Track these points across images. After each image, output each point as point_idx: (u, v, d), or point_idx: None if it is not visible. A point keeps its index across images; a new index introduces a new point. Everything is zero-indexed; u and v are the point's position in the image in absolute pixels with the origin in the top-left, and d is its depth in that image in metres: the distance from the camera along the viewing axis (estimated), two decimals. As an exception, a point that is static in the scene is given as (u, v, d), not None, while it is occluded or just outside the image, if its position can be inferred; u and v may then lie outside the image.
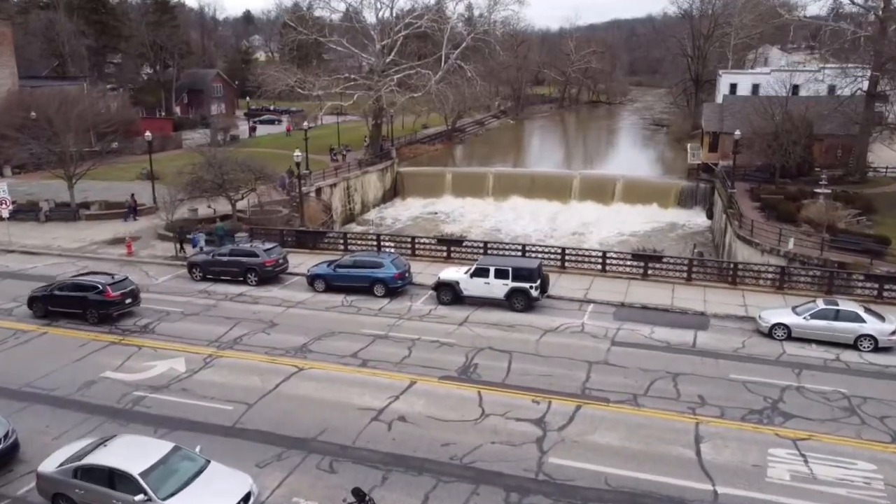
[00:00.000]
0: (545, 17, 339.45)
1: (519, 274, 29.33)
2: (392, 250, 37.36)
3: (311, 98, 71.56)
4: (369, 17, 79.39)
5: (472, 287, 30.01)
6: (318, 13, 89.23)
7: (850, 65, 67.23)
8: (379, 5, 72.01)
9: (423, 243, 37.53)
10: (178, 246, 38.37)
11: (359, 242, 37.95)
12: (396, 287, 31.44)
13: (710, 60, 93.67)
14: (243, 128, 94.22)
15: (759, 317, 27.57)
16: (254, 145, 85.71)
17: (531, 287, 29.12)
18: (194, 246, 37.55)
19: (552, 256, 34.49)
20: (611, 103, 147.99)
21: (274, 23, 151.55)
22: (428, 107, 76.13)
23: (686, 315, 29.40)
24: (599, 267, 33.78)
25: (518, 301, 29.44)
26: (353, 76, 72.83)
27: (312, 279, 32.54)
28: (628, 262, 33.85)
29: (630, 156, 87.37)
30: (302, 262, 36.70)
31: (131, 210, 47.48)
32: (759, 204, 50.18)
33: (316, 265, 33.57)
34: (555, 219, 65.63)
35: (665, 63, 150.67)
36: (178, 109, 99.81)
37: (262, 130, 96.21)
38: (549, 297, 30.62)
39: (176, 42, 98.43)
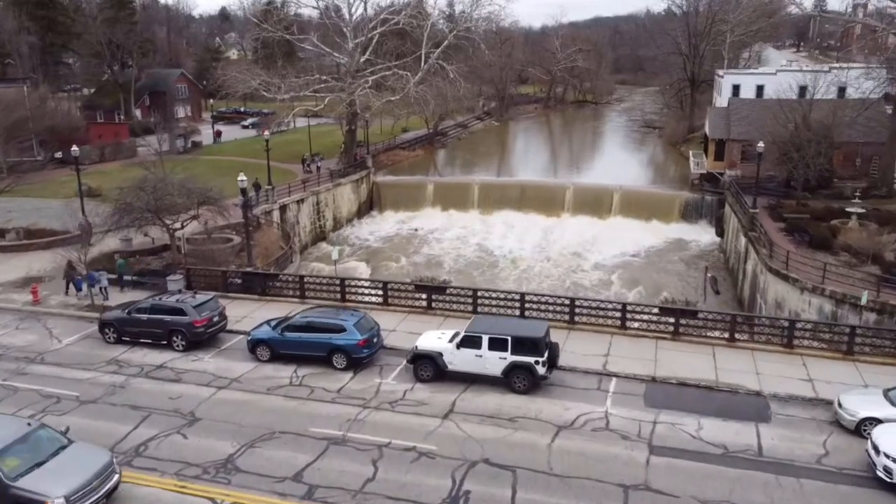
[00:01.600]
0: (527, 14, 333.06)
1: (521, 345, 22.05)
2: (358, 306, 29.73)
3: (278, 101, 63.70)
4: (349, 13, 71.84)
5: (460, 360, 22.70)
6: (291, 9, 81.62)
7: (872, 65, 60.82)
8: (352, 0, 64.37)
9: (398, 290, 30.01)
10: (67, 287, 31.01)
11: (318, 289, 30.34)
12: (362, 357, 24.02)
13: (706, 59, 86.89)
14: (209, 132, 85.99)
15: (839, 404, 20.51)
16: (217, 152, 77.79)
17: (537, 362, 21.88)
18: (78, 289, 30.18)
19: (559, 308, 27.18)
20: (597, 103, 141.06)
21: (250, 20, 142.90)
22: (407, 110, 68.50)
23: (738, 396, 22.30)
24: (618, 322, 26.55)
25: (520, 380, 22.18)
26: (324, 77, 65.07)
27: (255, 345, 25.03)
28: (654, 315, 26.61)
29: (623, 162, 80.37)
30: (246, 314, 29.16)
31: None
32: (783, 225, 43.33)
33: (260, 325, 26.02)
34: (547, 236, 58.39)
35: (654, 62, 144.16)
36: (138, 113, 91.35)
37: (229, 135, 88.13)
38: (558, 367, 23.40)
39: (135, 40, 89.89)
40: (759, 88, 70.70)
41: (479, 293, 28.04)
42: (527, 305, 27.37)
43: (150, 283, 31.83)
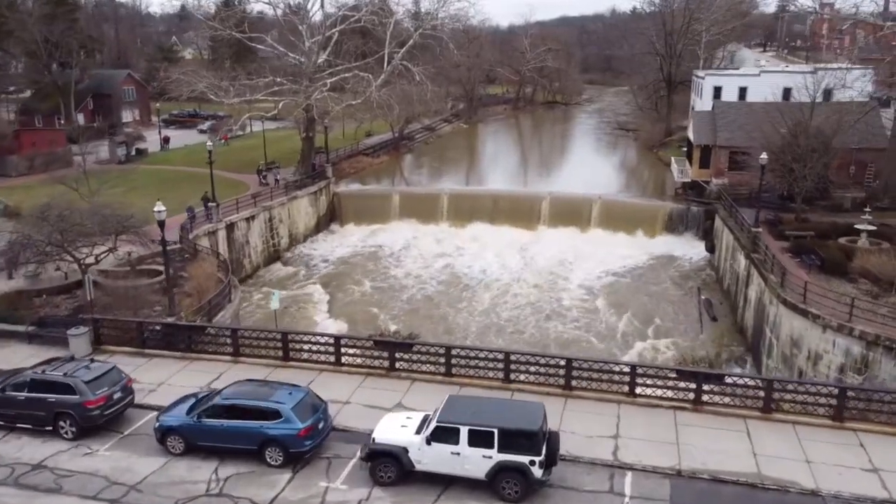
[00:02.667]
0: (494, 13, 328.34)
1: (511, 439, 16.52)
2: (304, 366, 23.78)
3: (226, 105, 57.26)
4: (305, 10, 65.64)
5: (431, 458, 17.09)
6: (250, 6, 75.28)
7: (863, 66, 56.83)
8: (308, -6, 58.22)
9: (354, 346, 24.16)
10: None
11: (255, 345, 24.39)
12: (303, 451, 18.27)
13: (683, 59, 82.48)
14: (157, 138, 78.92)
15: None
16: (163, 161, 70.98)
17: (532, 462, 16.40)
18: None
19: (552, 371, 21.68)
20: (567, 104, 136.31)
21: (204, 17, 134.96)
22: (370, 114, 62.51)
23: (790, 496, 17.10)
24: (626, 388, 21.18)
25: (510, 486, 16.68)
26: (278, 79, 58.79)
27: (164, 433, 19.09)
28: (670, 377, 21.26)
29: (598, 167, 75.50)
30: (164, 379, 23.17)
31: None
32: (786, 244, 38.60)
33: (174, 405, 19.99)
34: (524, 251, 53.07)
35: (624, 61, 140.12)
36: (81, 117, 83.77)
37: (180, 140, 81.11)
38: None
39: (75, 38, 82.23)
40: (742, 90, 66.34)
41: (452, 352, 22.39)
42: (513, 367, 21.85)
43: (51, 335, 25.60)
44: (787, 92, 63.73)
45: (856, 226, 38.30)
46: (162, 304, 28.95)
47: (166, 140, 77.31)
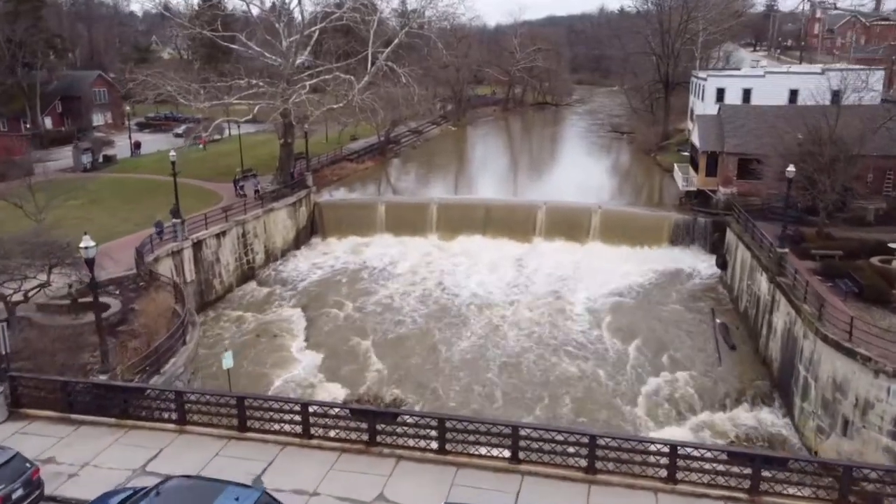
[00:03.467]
0: (481, 13, 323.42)
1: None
2: (266, 438, 19.10)
3: (194, 108, 52.43)
4: (282, 7, 60.88)
5: None
6: (229, 4, 70.41)
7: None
8: (286, -10, 53.62)
9: (326, 416, 19.51)
10: None
11: (206, 411, 19.73)
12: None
13: (680, 59, 78.47)
14: (126, 143, 73.86)
15: None
16: (133, 168, 66.02)
17: None
18: None
19: (571, 449, 17.27)
20: (558, 105, 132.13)
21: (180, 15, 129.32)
22: (354, 118, 57.83)
23: None
24: (664, 472, 16.81)
25: None
26: (254, 81, 54.08)
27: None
28: (719, 459, 16.89)
29: (593, 173, 71.28)
30: (90, 458, 18.51)
31: None
32: (813, 264, 34.50)
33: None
34: (520, 267, 48.78)
35: (614, 61, 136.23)
36: (48, 121, 78.57)
37: (154, 145, 76.01)
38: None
39: (41, 37, 76.96)
40: (747, 92, 62.47)
41: (447, 423, 17.90)
42: (521, 443, 17.41)
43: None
44: (793, 94, 59.98)
45: (890, 244, 34.32)
46: (105, 348, 24.25)
47: (137, 145, 72.30)
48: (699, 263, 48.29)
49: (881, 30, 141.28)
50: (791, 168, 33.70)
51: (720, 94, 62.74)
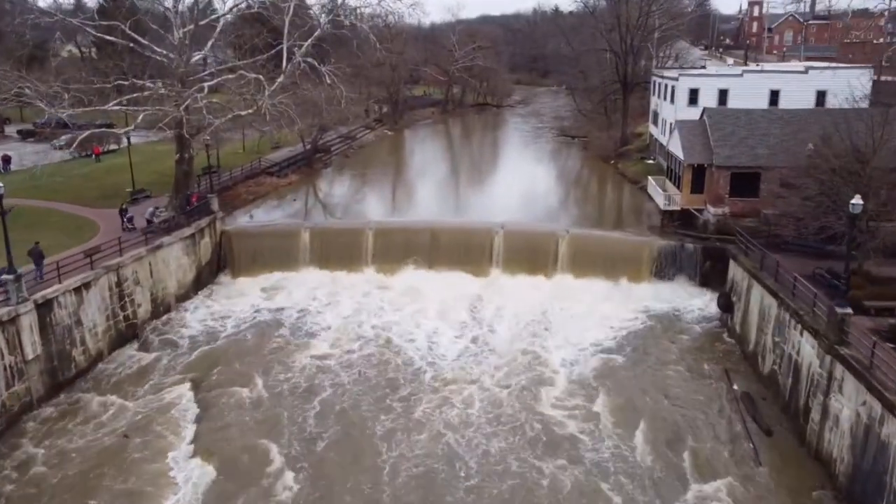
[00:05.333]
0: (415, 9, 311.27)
1: None
2: None
3: (54, 114, 39.86)
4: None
5: None
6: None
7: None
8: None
9: None
10: None
11: None
12: None
13: (640, 57, 69.87)
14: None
15: None
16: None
17: None
18: None
19: None
20: (499, 106, 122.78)
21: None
22: (268, 127, 46.10)
23: None
24: None
25: None
26: (140, 82, 41.98)
27: None
28: None
29: (550, 185, 61.84)
30: None
31: None
32: (872, 322, 25.57)
33: None
34: (477, 311, 38.58)
35: (551, 60, 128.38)
36: None
37: (28, 160, 61.99)
38: None
39: None
40: (723, 93, 54.06)
41: None
42: None
43: None
44: (774, 95, 51.82)
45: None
46: None
47: (6, 160, 58.41)
48: (691, 301, 39.24)
49: (817, 29, 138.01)
50: (857, 200, 24.32)
51: (693, 95, 54.18)
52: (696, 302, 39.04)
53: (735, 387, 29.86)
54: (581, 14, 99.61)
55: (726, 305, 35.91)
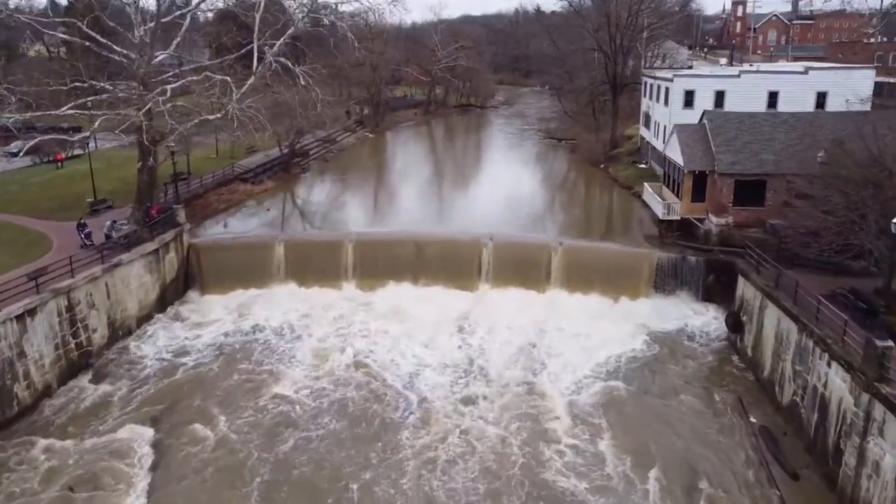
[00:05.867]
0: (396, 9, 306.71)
1: None
2: None
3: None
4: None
5: None
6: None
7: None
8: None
9: None
10: None
11: None
12: None
13: (629, 57, 67.08)
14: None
15: None
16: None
17: None
18: None
19: None
20: (483, 107, 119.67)
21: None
22: (239, 132, 42.42)
23: None
24: None
25: None
26: (101, 84, 38.25)
27: None
28: None
29: (539, 192, 58.72)
30: None
31: None
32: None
33: None
34: (466, 332, 35.41)
35: (537, 61, 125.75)
36: None
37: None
38: None
39: None
40: (720, 95, 51.32)
41: None
42: None
43: None
44: (772, 97, 49.23)
45: None
46: None
47: (-42, 168, 54.21)
48: (695, 318, 36.42)
49: (801, 29, 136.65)
50: (900, 220, 21.49)
51: (689, 97, 51.40)
52: (701, 320, 36.25)
53: (752, 420, 27.00)
54: (566, 14, 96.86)
55: (735, 325, 33.07)
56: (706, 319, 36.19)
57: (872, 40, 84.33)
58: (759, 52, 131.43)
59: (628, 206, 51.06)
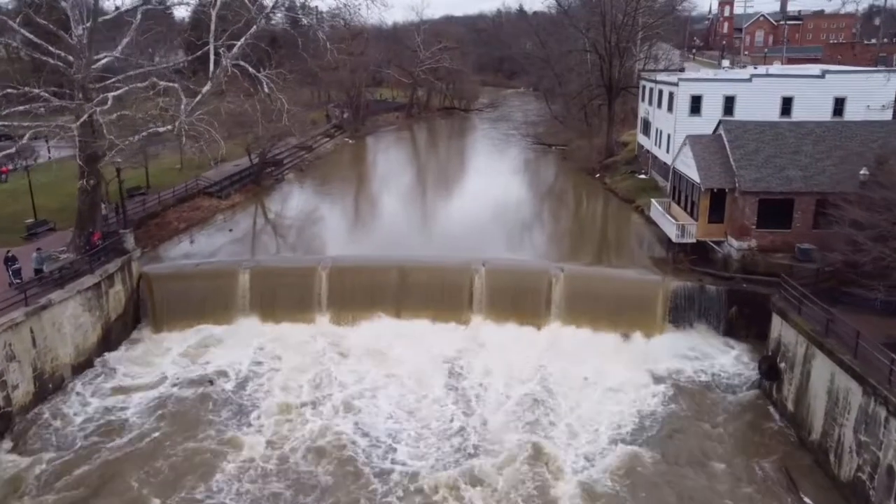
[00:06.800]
0: (376, 10, 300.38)
1: None
2: None
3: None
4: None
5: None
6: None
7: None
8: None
9: None
10: None
11: None
12: None
13: (625, 59, 62.27)
14: None
15: None
16: None
17: None
18: None
19: None
20: (467, 110, 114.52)
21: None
22: (190, 145, 36.65)
23: None
24: None
25: None
26: (35, 91, 32.52)
27: None
28: None
29: (533, 207, 53.71)
30: None
31: None
32: None
33: None
34: (458, 378, 30.23)
35: (519, 62, 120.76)
36: None
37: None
38: None
39: None
40: (729, 101, 46.52)
41: None
42: None
43: None
44: (786, 103, 44.59)
45: None
46: None
47: None
48: (718, 359, 31.64)
49: (789, 29, 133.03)
50: None
51: (696, 103, 46.57)
52: (725, 361, 31.43)
53: (806, 501, 22.09)
54: (552, 14, 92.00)
55: (770, 372, 28.16)
56: (731, 360, 31.38)
57: (874, 41, 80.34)
58: (746, 52, 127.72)
59: (631, 222, 46.21)
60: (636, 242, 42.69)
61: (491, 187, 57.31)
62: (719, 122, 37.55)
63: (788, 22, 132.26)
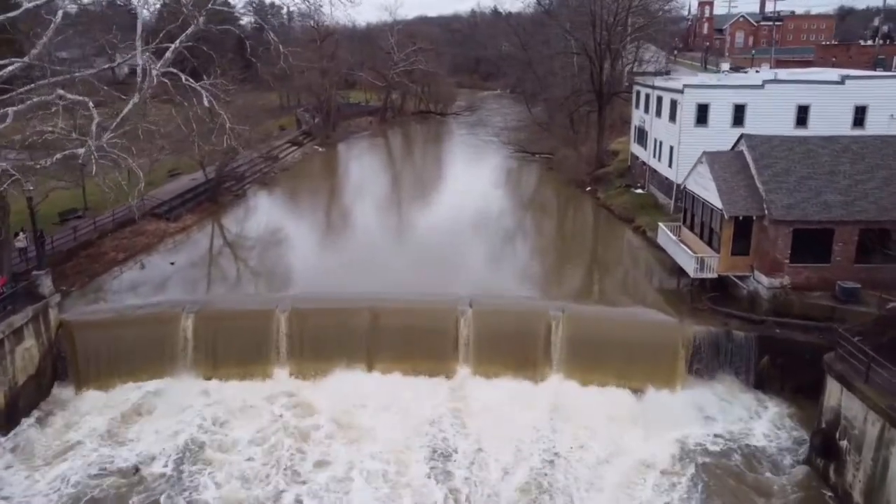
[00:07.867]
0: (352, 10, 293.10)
1: None
2: None
3: None
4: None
5: None
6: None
7: None
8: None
9: None
10: None
11: None
12: None
13: (616, 63, 56.86)
14: None
15: None
16: None
17: None
18: None
19: None
20: (444, 114, 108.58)
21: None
22: (101, 173, 29.93)
23: None
24: None
25: None
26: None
27: None
28: None
29: (518, 223, 48.20)
30: None
31: None
32: None
33: None
34: (445, 465, 24.27)
35: (492, 63, 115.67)
36: None
37: None
38: None
39: None
40: (739, 110, 41.30)
41: None
42: None
43: None
44: (801, 112, 39.54)
45: None
46: None
47: None
48: (752, 422, 26.36)
49: (768, 30, 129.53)
50: None
51: (702, 112, 41.26)
52: (762, 425, 26.09)
53: None
54: (532, 14, 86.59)
55: (825, 449, 22.78)
56: (768, 424, 26.03)
57: (870, 42, 76.29)
58: (727, 53, 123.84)
59: (633, 247, 40.78)
60: (642, 272, 37.20)
61: (473, 202, 51.36)
62: (741, 137, 32.16)
63: (769, 23, 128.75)
